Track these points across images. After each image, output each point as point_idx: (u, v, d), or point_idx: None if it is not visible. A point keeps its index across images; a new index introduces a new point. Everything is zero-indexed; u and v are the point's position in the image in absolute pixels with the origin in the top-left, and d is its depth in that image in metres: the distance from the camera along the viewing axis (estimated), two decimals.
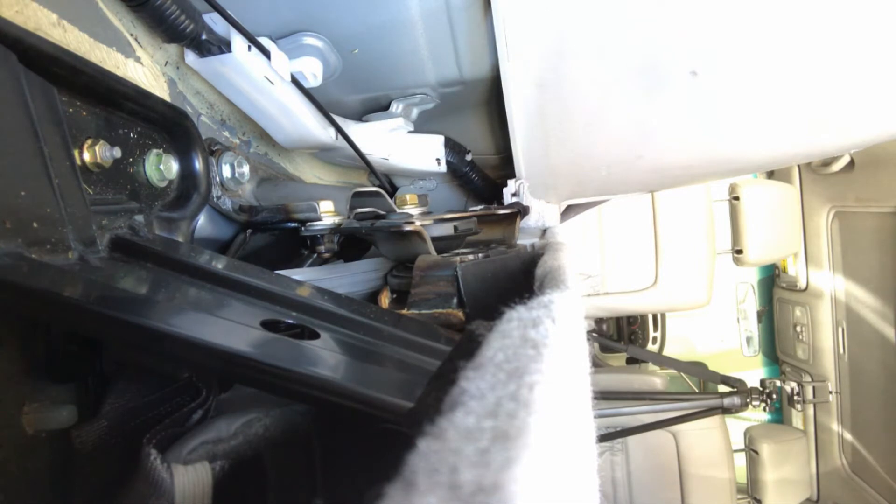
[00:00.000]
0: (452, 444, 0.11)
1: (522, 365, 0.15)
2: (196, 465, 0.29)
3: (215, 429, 0.31)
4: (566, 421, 0.15)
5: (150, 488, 0.27)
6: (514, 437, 0.11)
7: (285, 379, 0.27)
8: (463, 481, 0.10)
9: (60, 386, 0.33)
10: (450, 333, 0.38)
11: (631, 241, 1.43)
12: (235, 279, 0.34)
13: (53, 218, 0.28)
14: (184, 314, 0.29)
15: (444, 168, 0.74)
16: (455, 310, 0.43)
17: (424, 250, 0.50)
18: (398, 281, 0.53)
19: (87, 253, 0.30)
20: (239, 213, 0.54)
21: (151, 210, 0.39)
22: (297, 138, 0.59)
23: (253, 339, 0.29)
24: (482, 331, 0.22)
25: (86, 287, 0.28)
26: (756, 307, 2.61)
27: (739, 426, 2.14)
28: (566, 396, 0.15)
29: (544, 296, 0.20)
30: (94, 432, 0.31)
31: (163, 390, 0.34)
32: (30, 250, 0.26)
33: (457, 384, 0.14)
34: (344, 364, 0.30)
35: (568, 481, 0.13)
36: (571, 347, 0.18)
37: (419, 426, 0.12)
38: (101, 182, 0.35)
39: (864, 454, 1.89)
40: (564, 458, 0.13)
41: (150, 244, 0.34)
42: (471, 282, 0.44)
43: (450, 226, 0.53)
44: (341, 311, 0.34)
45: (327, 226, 0.55)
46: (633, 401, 1.44)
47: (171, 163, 0.40)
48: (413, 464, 0.11)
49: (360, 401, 0.27)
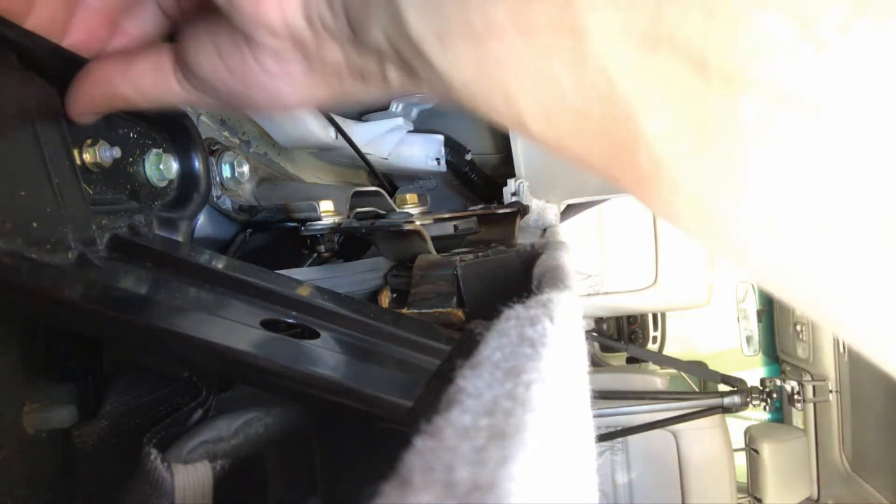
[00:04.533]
0: (449, 442, 0.11)
1: (520, 363, 0.15)
2: (196, 464, 0.29)
3: (215, 428, 0.31)
4: (564, 419, 0.15)
5: (150, 488, 0.27)
6: (510, 435, 0.12)
7: (285, 378, 0.27)
8: (459, 479, 0.10)
9: (60, 386, 0.33)
10: (450, 333, 0.38)
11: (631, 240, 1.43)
12: (235, 279, 0.34)
13: (53, 218, 0.28)
14: (184, 313, 0.29)
15: (444, 168, 0.74)
16: (455, 309, 0.43)
17: (424, 250, 0.50)
18: (398, 280, 0.53)
19: (88, 253, 0.30)
20: (239, 212, 0.54)
21: (151, 210, 0.39)
22: (296, 137, 0.59)
23: (253, 339, 0.29)
24: (481, 330, 0.22)
25: (86, 287, 0.28)
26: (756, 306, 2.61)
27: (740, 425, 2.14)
28: (564, 395, 0.15)
29: (542, 295, 0.20)
30: (94, 432, 0.31)
31: (163, 390, 0.34)
32: (30, 250, 0.26)
33: (454, 383, 0.14)
34: (344, 363, 0.30)
35: (566, 480, 0.13)
36: (570, 346, 0.18)
37: (416, 424, 0.12)
38: (100, 182, 0.35)
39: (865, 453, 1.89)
40: (563, 457, 0.14)
41: (150, 244, 0.34)
42: (471, 281, 0.44)
43: (450, 225, 0.53)
44: (341, 310, 0.34)
45: (327, 225, 0.55)
46: (633, 400, 1.44)
47: (170, 162, 0.40)
48: (409, 462, 0.11)
49: (361, 400, 0.27)
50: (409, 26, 0.18)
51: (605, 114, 0.14)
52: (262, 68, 0.25)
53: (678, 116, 0.13)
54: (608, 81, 0.14)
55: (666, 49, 0.12)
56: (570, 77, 0.14)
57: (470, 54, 0.17)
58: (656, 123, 0.13)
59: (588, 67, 0.14)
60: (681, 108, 0.13)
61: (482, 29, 0.16)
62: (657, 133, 0.13)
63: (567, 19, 0.14)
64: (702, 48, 0.12)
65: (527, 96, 0.16)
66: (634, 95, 0.13)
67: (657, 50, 0.13)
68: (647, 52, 0.13)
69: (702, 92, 0.12)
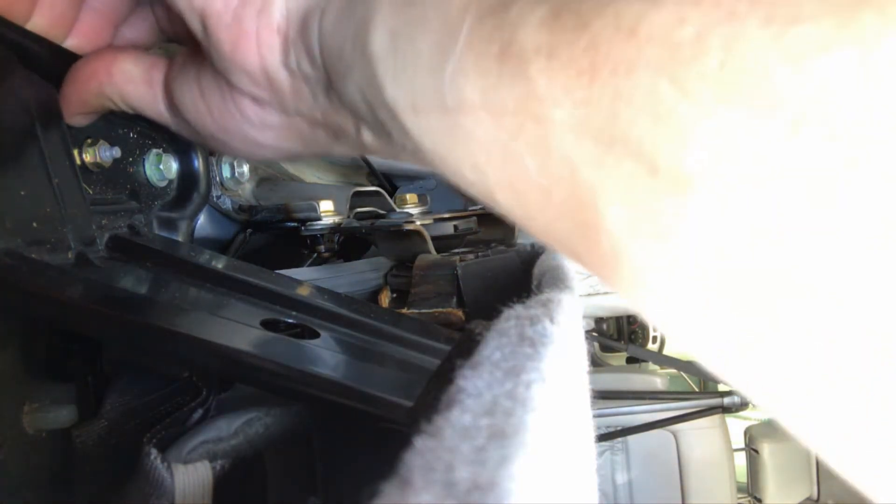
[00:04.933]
0: (449, 441, 0.11)
1: (520, 363, 0.15)
2: (196, 464, 0.29)
3: (216, 428, 0.31)
4: (564, 419, 0.15)
5: (150, 487, 0.27)
6: (510, 435, 0.12)
7: (285, 378, 0.27)
8: (459, 479, 0.10)
9: (60, 386, 0.33)
10: (450, 333, 0.38)
11: None
12: (235, 279, 0.34)
13: (53, 217, 0.28)
14: (184, 313, 0.29)
15: None
16: (455, 309, 0.43)
17: (424, 249, 0.50)
18: (398, 280, 0.53)
19: (87, 252, 0.30)
20: (239, 212, 0.54)
21: (151, 210, 0.39)
22: None
23: (253, 338, 0.29)
24: (481, 330, 0.22)
25: (86, 287, 0.28)
26: None
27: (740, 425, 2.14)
28: (564, 394, 0.15)
29: (542, 295, 0.20)
30: (94, 432, 0.31)
31: (163, 390, 0.34)
32: (29, 250, 0.26)
33: (454, 382, 0.14)
34: (344, 363, 0.30)
35: (566, 480, 0.13)
36: (570, 346, 0.18)
37: (416, 424, 0.12)
38: (100, 182, 0.35)
39: None
40: (562, 457, 0.14)
41: (150, 244, 0.34)
42: (471, 281, 0.44)
43: (450, 225, 0.53)
44: (341, 310, 0.34)
45: (327, 225, 0.55)
46: (633, 400, 1.44)
47: (170, 162, 0.40)
48: (409, 461, 0.11)
49: (361, 400, 0.27)
50: (385, 91, 0.19)
51: (568, 197, 0.14)
52: (241, 115, 0.25)
53: (634, 209, 0.13)
54: (570, 169, 0.14)
55: (620, 147, 0.13)
56: (534, 159, 0.15)
57: (441, 125, 0.17)
58: (615, 213, 0.13)
59: (551, 153, 0.14)
60: (636, 203, 0.13)
61: (452, 104, 0.16)
62: (616, 222, 0.14)
63: (531, 107, 0.14)
64: (652, 152, 0.12)
65: (494, 169, 0.16)
66: (594, 185, 0.14)
67: (613, 147, 0.13)
68: (604, 148, 0.13)
69: (654, 190, 0.13)
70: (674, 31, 0.12)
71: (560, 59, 0.14)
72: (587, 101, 0.13)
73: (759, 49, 0.11)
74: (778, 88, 0.11)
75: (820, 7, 0.11)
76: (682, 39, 0.12)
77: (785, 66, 0.11)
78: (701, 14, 0.12)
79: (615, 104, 0.13)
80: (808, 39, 0.11)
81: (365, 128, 0.22)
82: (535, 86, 0.14)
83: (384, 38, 0.18)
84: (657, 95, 0.12)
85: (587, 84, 0.13)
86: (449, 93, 0.16)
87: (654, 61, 0.12)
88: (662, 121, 0.12)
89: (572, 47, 0.14)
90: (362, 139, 0.23)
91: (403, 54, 0.18)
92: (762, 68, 0.11)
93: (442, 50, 0.17)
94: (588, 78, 0.13)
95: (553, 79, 0.14)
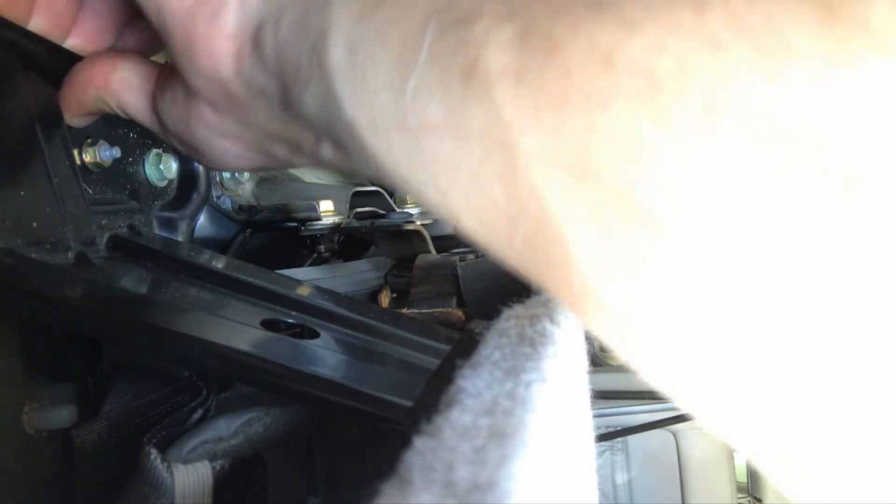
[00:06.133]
0: (448, 441, 0.11)
1: (519, 363, 0.15)
2: (196, 464, 0.29)
3: (215, 428, 0.31)
4: (564, 419, 0.15)
5: (150, 488, 0.27)
6: (510, 435, 0.12)
7: (285, 378, 0.27)
8: (458, 479, 0.10)
9: (60, 386, 0.33)
10: (450, 333, 0.38)
11: None
12: (235, 278, 0.34)
13: (53, 217, 0.28)
14: (184, 313, 0.29)
15: None
16: (455, 309, 0.43)
17: (424, 249, 0.50)
18: (398, 280, 0.53)
19: (87, 252, 0.30)
20: (239, 212, 0.54)
21: (151, 209, 0.39)
22: None
23: (253, 338, 0.29)
24: (481, 329, 0.22)
25: (86, 287, 0.28)
26: None
27: None
28: (564, 394, 0.15)
29: (542, 294, 0.20)
30: (94, 432, 0.31)
31: (163, 390, 0.34)
32: (29, 250, 0.26)
33: (454, 382, 0.14)
34: (344, 363, 0.30)
35: (566, 479, 0.14)
36: (570, 345, 0.18)
37: (416, 424, 0.12)
38: (100, 181, 0.35)
39: None
40: (562, 457, 0.14)
41: (149, 244, 0.34)
42: (471, 280, 0.44)
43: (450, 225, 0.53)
44: (341, 310, 0.34)
45: (327, 225, 0.55)
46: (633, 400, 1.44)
47: (170, 162, 0.40)
48: (409, 461, 0.11)
49: (361, 400, 0.27)
50: (344, 107, 0.18)
51: (536, 230, 0.14)
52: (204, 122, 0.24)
53: (605, 246, 0.13)
54: (537, 201, 0.13)
55: (593, 181, 0.12)
56: (500, 187, 0.14)
57: (403, 145, 0.16)
58: (584, 249, 0.13)
59: (518, 183, 0.14)
60: (607, 239, 0.12)
61: (414, 123, 0.16)
62: (585, 258, 0.13)
63: (498, 133, 0.14)
64: (627, 188, 0.12)
65: (459, 194, 0.15)
66: (563, 219, 0.13)
67: (584, 180, 0.12)
68: (575, 181, 0.13)
69: (627, 227, 0.12)
70: (653, 61, 0.11)
71: (528, 85, 0.13)
72: (557, 131, 0.13)
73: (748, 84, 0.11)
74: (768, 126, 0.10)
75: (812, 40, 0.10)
76: (662, 71, 0.11)
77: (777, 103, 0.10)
78: (682, 42, 0.11)
79: (588, 136, 0.12)
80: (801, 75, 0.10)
81: (325, 143, 0.21)
82: (501, 111, 0.13)
83: (342, 51, 0.17)
84: (634, 130, 0.12)
85: (557, 113, 0.13)
86: (410, 112, 0.16)
87: (631, 94, 0.12)
88: (640, 157, 0.12)
89: (542, 73, 0.13)
90: (322, 154, 0.22)
91: (363, 69, 0.17)
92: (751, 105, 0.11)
93: (403, 64, 0.16)
94: (559, 106, 0.12)
95: (521, 105, 0.13)
